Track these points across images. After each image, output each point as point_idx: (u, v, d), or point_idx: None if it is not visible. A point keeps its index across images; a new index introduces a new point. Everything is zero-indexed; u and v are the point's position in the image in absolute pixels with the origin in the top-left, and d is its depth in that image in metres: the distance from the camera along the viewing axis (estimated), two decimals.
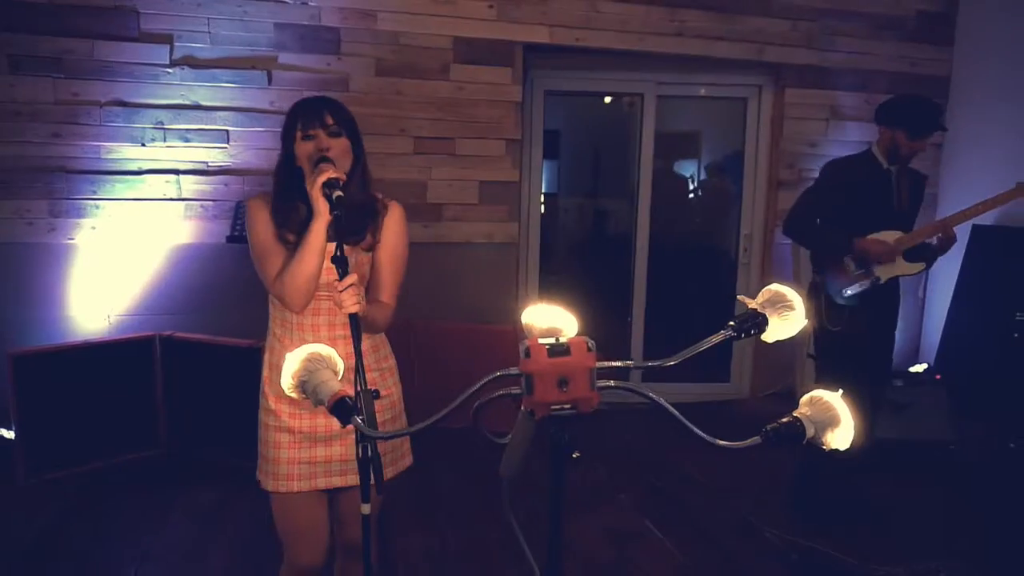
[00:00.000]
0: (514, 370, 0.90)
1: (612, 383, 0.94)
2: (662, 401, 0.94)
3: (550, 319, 1.04)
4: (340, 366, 1.03)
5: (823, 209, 3.11)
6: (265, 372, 1.84)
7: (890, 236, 3.01)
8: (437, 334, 4.02)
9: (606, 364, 0.92)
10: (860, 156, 3.13)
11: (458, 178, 4.16)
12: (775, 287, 1.11)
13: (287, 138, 1.74)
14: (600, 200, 6.89)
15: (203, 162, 3.77)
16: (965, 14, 4.73)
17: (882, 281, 2.98)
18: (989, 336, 4.15)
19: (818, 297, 3.06)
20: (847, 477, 3.07)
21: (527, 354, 0.87)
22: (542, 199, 4.84)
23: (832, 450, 1.00)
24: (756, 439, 0.98)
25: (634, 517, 3.15)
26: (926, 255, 3.04)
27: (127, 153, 3.68)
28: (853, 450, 1.03)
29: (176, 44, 3.66)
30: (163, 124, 3.70)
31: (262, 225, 1.74)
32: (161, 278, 3.78)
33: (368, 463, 1.48)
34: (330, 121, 1.71)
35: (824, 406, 1.00)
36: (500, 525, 2.91)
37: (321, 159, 1.66)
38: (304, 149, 1.71)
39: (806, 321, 1.10)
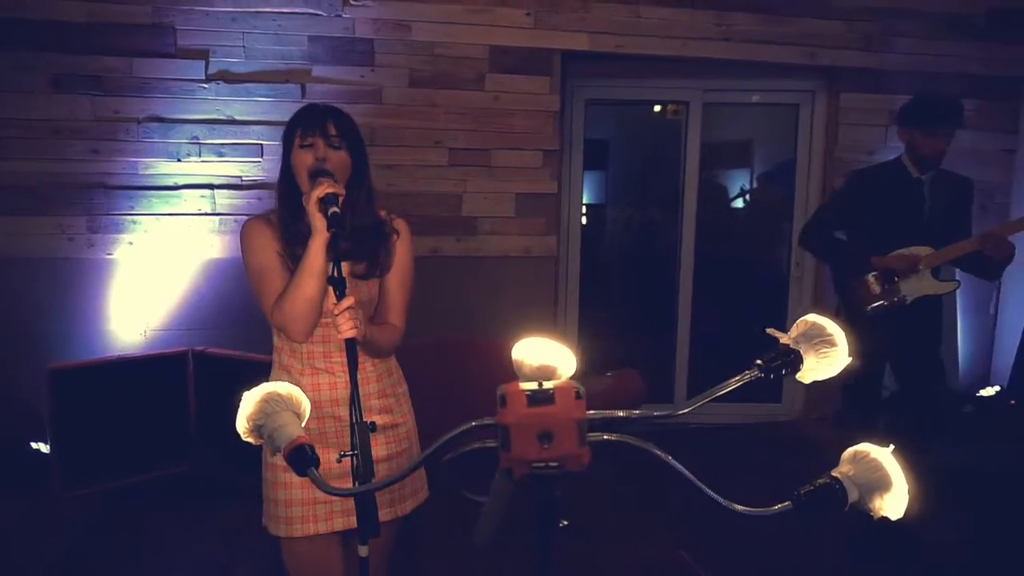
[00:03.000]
0: (489, 420, 0.76)
1: (605, 436, 0.79)
2: (671, 460, 0.79)
3: (543, 356, 0.90)
4: (304, 406, 0.92)
5: (846, 221, 2.95)
6: None
7: (918, 252, 2.76)
8: (473, 351, 3.90)
9: (599, 414, 0.77)
10: (889, 164, 2.94)
11: (494, 190, 4.04)
12: (812, 318, 0.94)
13: (286, 147, 1.63)
14: (648, 211, 6.70)
15: (237, 177, 3.76)
16: None
17: (908, 301, 2.73)
18: None
19: (837, 316, 2.85)
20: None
21: (503, 402, 0.74)
22: (584, 210, 4.69)
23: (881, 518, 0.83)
24: (787, 504, 0.82)
25: (674, 551, 2.95)
26: (980, 268, 2.79)
27: (163, 169, 3.69)
28: None
29: (211, 59, 3.66)
30: (198, 139, 3.70)
31: (258, 247, 1.62)
32: (195, 293, 3.77)
33: (364, 503, 1.36)
34: (332, 132, 1.60)
35: (871, 465, 0.83)
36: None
37: (319, 171, 1.55)
38: (301, 159, 1.59)
39: (849, 359, 0.93)
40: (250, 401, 0.89)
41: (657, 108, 5.58)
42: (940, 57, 4.32)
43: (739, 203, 6.05)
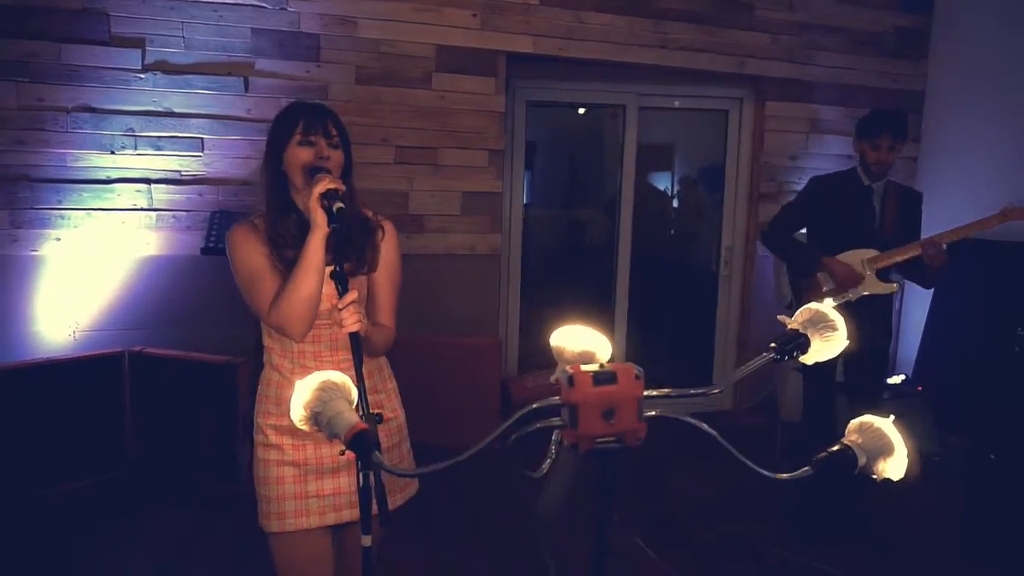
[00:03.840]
0: (555, 400, 0.83)
1: (655, 412, 0.87)
2: (716, 435, 0.88)
3: (583, 342, 0.97)
4: (354, 395, 0.95)
5: (805, 223, 3.19)
6: (261, 405, 1.71)
7: (865, 254, 3.01)
8: (419, 348, 3.92)
9: (654, 393, 0.85)
10: (844, 172, 3.19)
11: (441, 188, 4.07)
12: (815, 306, 1.06)
13: (278, 142, 1.63)
14: (575, 211, 6.87)
15: (176, 171, 3.63)
16: (939, 30, 4.81)
17: (853, 299, 2.97)
18: (970, 349, 4.17)
19: (792, 310, 3.06)
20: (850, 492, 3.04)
21: (571, 382, 0.80)
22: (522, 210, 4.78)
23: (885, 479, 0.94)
24: (807, 469, 0.92)
25: (624, 534, 3.07)
26: (919, 275, 3.05)
27: (95, 161, 3.52)
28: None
29: (148, 48, 3.52)
30: (134, 131, 3.55)
31: (248, 251, 1.61)
32: (130, 291, 3.62)
33: (369, 492, 1.39)
34: (333, 131, 1.62)
35: (875, 433, 0.94)
36: (499, 543, 2.82)
37: (317, 168, 1.56)
38: (299, 155, 1.60)
39: (847, 342, 1.05)
40: (307, 389, 0.91)
41: (581, 110, 5.74)
42: (853, 71, 4.66)
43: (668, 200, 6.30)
